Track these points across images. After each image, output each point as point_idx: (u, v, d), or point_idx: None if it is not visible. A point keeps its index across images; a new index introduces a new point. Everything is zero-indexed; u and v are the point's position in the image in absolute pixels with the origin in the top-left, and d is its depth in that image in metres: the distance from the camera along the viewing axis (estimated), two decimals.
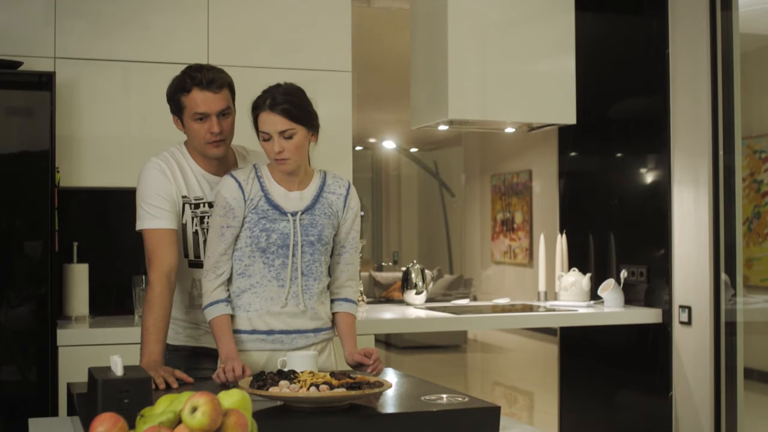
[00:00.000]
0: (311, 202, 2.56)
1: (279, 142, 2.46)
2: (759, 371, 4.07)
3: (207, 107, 2.58)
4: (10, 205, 3.30)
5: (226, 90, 2.62)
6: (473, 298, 8.96)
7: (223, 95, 2.61)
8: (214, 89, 2.58)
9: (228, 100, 2.62)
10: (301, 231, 2.53)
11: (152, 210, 2.59)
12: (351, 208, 2.64)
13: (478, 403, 2.11)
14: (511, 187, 10.08)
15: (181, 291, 2.69)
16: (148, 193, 2.61)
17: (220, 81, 2.60)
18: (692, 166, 3.94)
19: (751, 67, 4.01)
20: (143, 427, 1.38)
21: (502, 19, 4.06)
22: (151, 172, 2.63)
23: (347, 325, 2.63)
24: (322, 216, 2.56)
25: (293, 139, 2.47)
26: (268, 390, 2.01)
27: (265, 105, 2.47)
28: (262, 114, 2.47)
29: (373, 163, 13.45)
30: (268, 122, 2.46)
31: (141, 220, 2.62)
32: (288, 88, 2.51)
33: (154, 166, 2.63)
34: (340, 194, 2.62)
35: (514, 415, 6.27)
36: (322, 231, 2.56)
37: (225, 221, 2.51)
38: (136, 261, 3.88)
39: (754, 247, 4.25)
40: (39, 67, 3.51)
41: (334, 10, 3.95)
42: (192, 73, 2.59)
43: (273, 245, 2.51)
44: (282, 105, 2.45)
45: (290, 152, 2.47)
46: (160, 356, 2.48)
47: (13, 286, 3.28)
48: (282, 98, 2.47)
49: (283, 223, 2.51)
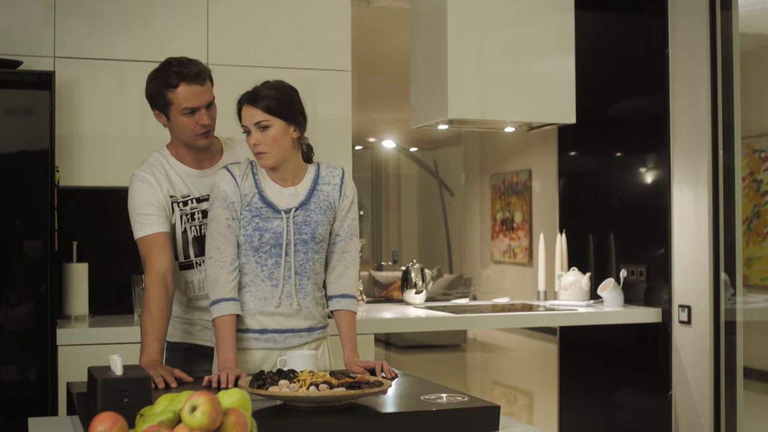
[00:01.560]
0: (306, 196, 2.54)
1: (255, 135, 2.46)
2: (759, 370, 4.07)
3: (197, 101, 2.59)
4: (9, 204, 3.30)
5: (208, 81, 2.64)
6: (473, 298, 8.97)
7: (208, 86, 2.63)
8: (200, 82, 2.60)
9: (211, 90, 2.65)
10: (295, 229, 2.51)
11: (142, 219, 2.61)
12: (347, 196, 2.60)
13: (478, 402, 2.10)
14: (511, 186, 10.07)
15: (178, 293, 2.70)
16: (137, 204, 2.62)
17: (204, 73, 2.62)
18: (692, 166, 3.94)
19: (750, 67, 4.01)
20: (143, 426, 1.38)
21: (501, 19, 4.06)
22: (136, 185, 2.64)
23: (346, 326, 2.58)
24: (317, 212, 2.54)
25: (269, 131, 2.46)
26: (267, 389, 2.01)
27: (245, 99, 2.48)
28: (242, 108, 2.49)
29: (372, 163, 13.44)
30: (246, 115, 2.47)
31: (135, 231, 2.63)
32: (275, 84, 2.51)
33: (138, 178, 2.65)
34: (335, 184, 2.59)
35: (513, 415, 6.27)
36: (316, 229, 2.53)
37: (229, 213, 2.50)
38: (135, 260, 3.85)
39: (753, 247, 4.25)
40: (38, 66, 3.51)
41: (334, 9, 3.95)
42: (175, 68, 2.59)
43: (266, 245, 2.49)
44: (261, 100, 2.46)
45: (267, 145, 2.46)
46: (158, 355, 2.48)
47: (12, 286, 3.28)
48: (265, 92, 2.47)
49: (277, 221, 2.49)
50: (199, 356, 2.69)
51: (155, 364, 2.43)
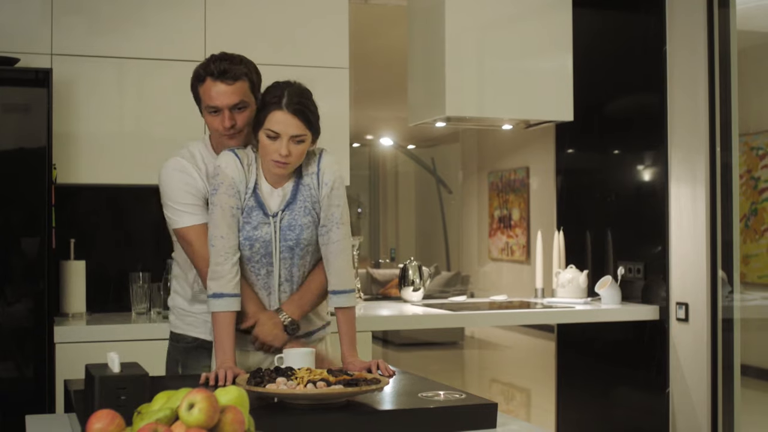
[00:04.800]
0: (291, 195, 2.46)
1: (288, 146, 2.34)
2: (756, 368, 4.08)
3: (219, 101, 2.49)
4: (6, 202, 3.29)
5: (242, 82, 2.51)
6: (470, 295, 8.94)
7: (238, 88, 2.50)
8: (228, 81, 2.48)
9: (244, 93, 2.51)
10: (280, 235, 2.44)
11: (187, 208, 2.53)
12: (325, 183, 2.46)
13: (476, 399, 2.11)
14: (509, 183, 10.07)
15: (187, 283, 2.69)
16: (176, 192, 2.54)
17: (234, 72, 2.49)
18: (689, 163, 3.95)
19: (748, 64, 4.02)
20: (140, 423, 1.38)
21: (499, 16, 4.06)
22: (173, 174, 2.56)
23: (343, 323, 2.50)
24: (301, 213, 2.45)
25: (302, 144, 2.37)
26: (265, 387, 2.01)
27: (281, 103, 2.34)
28: (276, 112, 2.34)
29: (370, 160, 13.44)
30: (282, 122, 2.33)
31: (177, 218, 2.54)
32: (303, 89, 2.40)
33: (176, 166, 2.57)
34: (313, 173, 2.47)
35: (511, 412, 6.27)
36: (301, 234, 2.46)
37: (235, 201, 2.42)
38: (133, 258, 3.89)
39: (751, 244, 4.25)
40: (36, 63, 3.50)
41: (331, 6, 3.94)
42: (209, 62, 2.51)
43: (257, 254, 2.45)
44: (296, 106, 2.34)
45: (296, 158, 2.37)
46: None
47: (10, 283, 3.28)
48: (297, 99, 2.36)
49: (265, 228, 2.44)
50: (203, 350, 2.66)
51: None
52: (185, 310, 2.71)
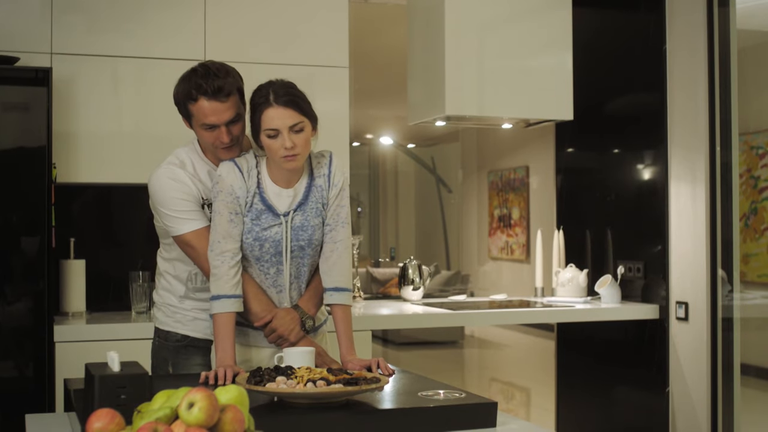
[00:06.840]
0: (303, 195, 2.49)
1: (290, 137, 2.35)
2: (756, 367, 4.08)
3: (216, 118, 2.49)
4: (6, 201, 3.29)
5: (234, 96, 2.52)
6: (470, 294, 8.95)
7: (231, 103, 2.50)
8: (222, 98, 2.48)
9: (236, 106, 2.52)
10: (292, 235, 2.47)
11: (185, 215, 2.54)
12: (335, 184, 2.51)
13: (475, 398, 2.11)
14: (509, 183, 10.07)
15: (178, 280, 2.69)
16: (172, 201, 2.54)
17: (228, 89, 2.49)
18: (689, 162, 3.94)
19: (748, 64, 4.02)
20: (140, 422, 1.38)
21: (499, 15, 4.06)
22: (166, 182, 2.56)
23: (341, 322, 2.51)
24: (312, 214, 2.49)
25: (303, 132, 2.38)
26: (265, 386, 2.01)
27: (269, 100, 2.36)
28: (268, 110, 2.36)
29: (370, 159, 13.43)
30: (276, 117, 2.35)
31: (178, 225, 2.55)
32: (285, 82, 2.43)
33: (168, 175, 2.57)
34: (324, 174, 2.51)
35: (511, 411, 6.27)
36: (313, 235, 2.49)
37: (233, 208, 2.44)
38: (132, 257, 3.89)
39: (750, 243, 4.25)
40: (36, 62, 3.50)
41: (331, 5, 3.94)
42: (198, 81, 2.49)
43: (266, 254, 2.48)
44: (285, 97, 2.36)
45: (301, 147, 2.38)
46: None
47: (9, 282, 3.28)
48: (283, 91, 2.38)
49: (275, 228, 2.46)
50: (191, 348, 2.68)
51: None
52: (175, 307, 2.71)
